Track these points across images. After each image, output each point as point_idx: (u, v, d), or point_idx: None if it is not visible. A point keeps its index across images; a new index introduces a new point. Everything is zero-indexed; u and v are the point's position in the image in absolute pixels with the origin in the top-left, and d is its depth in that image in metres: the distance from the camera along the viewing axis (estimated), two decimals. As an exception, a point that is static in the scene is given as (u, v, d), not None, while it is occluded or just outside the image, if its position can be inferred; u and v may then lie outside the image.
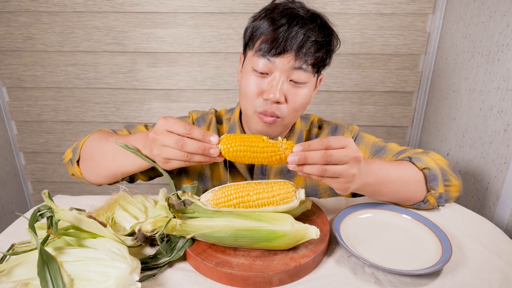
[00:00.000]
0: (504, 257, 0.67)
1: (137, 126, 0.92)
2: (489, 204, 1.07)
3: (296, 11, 0.77)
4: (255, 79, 0.78)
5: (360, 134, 0.94)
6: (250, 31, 0.80)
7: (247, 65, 0.81)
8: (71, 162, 0.85)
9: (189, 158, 0.64)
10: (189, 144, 0.63)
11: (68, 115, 1.63)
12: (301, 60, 0.75)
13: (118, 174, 0.79)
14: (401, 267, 0.61)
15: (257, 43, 0.77)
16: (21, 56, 1.53)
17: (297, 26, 0.74)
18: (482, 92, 1.13)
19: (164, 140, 0.64)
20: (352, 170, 0.62)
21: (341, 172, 0.61)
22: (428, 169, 0.78)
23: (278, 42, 0.73)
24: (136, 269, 0.56)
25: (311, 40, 0.75)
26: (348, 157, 0.61)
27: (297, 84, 0.78)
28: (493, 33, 1.09)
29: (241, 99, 0.84)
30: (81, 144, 0.84)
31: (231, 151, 0.64)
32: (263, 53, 0.75)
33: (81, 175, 0.85)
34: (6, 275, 0.55)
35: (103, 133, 0.86)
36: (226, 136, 0.65)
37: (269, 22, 0.76)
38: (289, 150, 0.63)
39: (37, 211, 0.57)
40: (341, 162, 0.61)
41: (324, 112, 1.61)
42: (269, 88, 0.76)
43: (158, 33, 1.49)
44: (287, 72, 0.76)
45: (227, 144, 0.64)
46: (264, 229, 0.61)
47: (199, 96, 1.60)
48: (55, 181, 1.76)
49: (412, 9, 1.44)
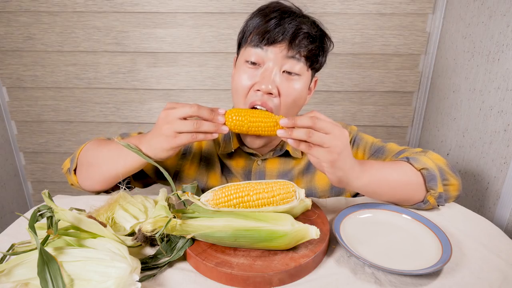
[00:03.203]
0: (504, 257, 0.67)
1: (131, 134, 0.92)
2: (489, 204, 1.07)
3: (288, 8, 0.78)
4: (247, 71, 0.78)
5: (359, 134, 0.94)
6: (242, 30, 0.82)
7: (240, 59, 0.82)
8: (69, 171, 0.84)
9: (199, 125, 0.66)
10: (202, 110, 0.66)
11: (68, 115, 1.63)
12: (294, 50, 0.76)
13: (114, 176, 0.78)
14: (401, 267, 0.61)
15: (249, 38, 0.79)
16: (21, 56, 1.53)
17: (288, 18, 0.76)
18: (482, 92, 1.13)
19: (177, 111, 0.66)
20: (335, 141, 0.64)
21: (325, 140, 0.63)
22: (426, 169, 0.78)
23: (270, 32, 0.75)
24: (136, 269, 0.55)
25: (303, 31, 0.76)
26: (333, 129, 0.64)
27: (291, 75, 0.78)
28: (493, 33, 1.09)
29: (233, 95, 0.84)
30: (78, 152, 0.84)
31: (233, 118, 0.69)
32: (256, 43, 0.76)
33: (77, 183, 0.84)
34: (6, 275, 0.55)
35: (98, 140, 0.86)
36: (230, 109, 0.71)
37: (261, 17, 0.78)
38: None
39: (37, 211, 0.57)
40: (324, 131, 0.64)
41: (324, 112, 1.60)
42: (262, 79, 0.77)
43: (158, 33, 1.49)
44: (280, 62, 0.76)
45: (230, 115, 0.70)
46: (264, 229, 0.61)
47: (199, 96, 1.60)
48: (55, 181, 1.76)
49: (412, 9, 1.44)
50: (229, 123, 0.69)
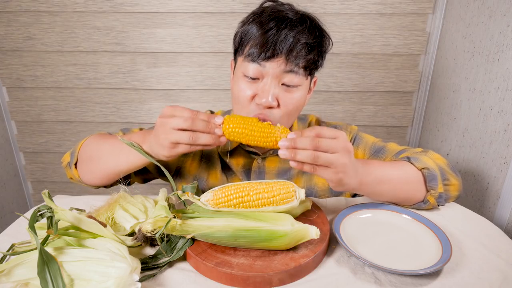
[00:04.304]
0: (504, 257, 0.67)
1: (133, 130, 0.92)
2: (489, 204, 1.07)
3: (284, 14, 0.76)
4: (246, 85, 0.78)
5: (359, 134, 0.94)
6: (239, 36, 0.79)
7: (238, 71, 0.80)
8: (69, 165, 0.85)
9: (195, 138, 0.65)
10: (197, 123, 0.65)
11: (68, 115, 1.63)
12: (292, 63, 0.74)
13: (116, 173, 0.79)
14: (401, 267, 0.61)
15: (247, 48, 0.77)
16: (21, 56, 1.53)
17: (286, 29, 0.73)
18: (482, 92, 1.13)
19: (172, 122, 0.65)
20: (342, 159, 0.62)
21: (332, 160, 0.61)
22: (427, 169, 0.78)
23: (268, 46, 0.73)
24: (136, 269, 0.55)
25: (301, 43, 0.74)
26: (338, 146, 0.61)
27: (289, 87, 0.77)
28: (493, 33, 1.09)
29: (233, 104, 0.83)
30: (79, 147, 0.84)
31: (231, 128, 0.67)
32: (253, 58, 0.75)
33: (79, 177, 0.85)
34: (6, 275, 0.55)
35: (100, 134, 0.86)
36: (228, 116, 0.68)
37: (257, 26, 0.75)
38: (284, 135, 0.66)
39: (37, 211, 0.57)
40: (331, 150, 0.61)
41: (324, 112, 1.61)
42: (261, 93, 0.76)
43: (158, 33, 1.49)
44: (278, 76, 0.76)
45: (228, 124, 0.67)
46: (264, 229, 0.61)
47: (199, 96, 1.60)
48: (55, 181, 1.76)
49: (412, 9, 1.44)
50: (227, 133, 0.67)
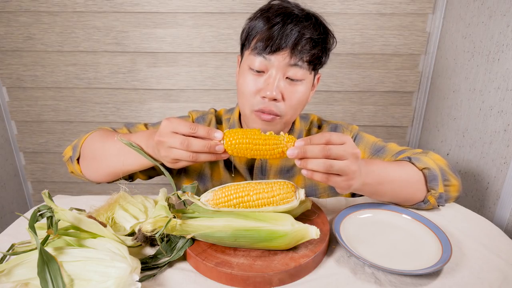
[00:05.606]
0: (504, 257, 0.67)
1: (137, 125, 0.92)
2: (489, 204, 1.07)
3: (290, 10, 0.78)
4: (252, 78, 0.79)
5: (360, 134, 0.94)
6: (246, 31, 0.81)
7: (244, 64, 0.82)
8: (71, 160, 0.85)
9: (196, 157, 0.64)
10: (195, 144, 0.63)
11: (68, 115, 1.63)
12: (297, 57, 0.76)
13: (120, 172, 0.80)
14: (401, 267, 0.61)
15: (253, 42, 0.78)
16: (21, 56, 1.53)
17: (291, 24, 0.75)
18: (482, 92, 1.13)
19: (170, 142, 0.64)
20: (352, 166, 0.61)
21: (344, 168, 0.61)
22: (428, 169, 0.78)
23: (273, 40, 0.74)
24: (136, 269, 0.55)
25: (306, 37, 0.75)
26: (347, 153, 0.61)
27: (294, 81, 0.78)
28: (493, 33, 1.09)
29: (239, 98, 0.84)
30: (82, 142, 0.84)
31: (234, 144, 0.64)
32: (259, 51, 0.76)
33: (81, 173, 0.85)
34: (6, 275, 0.55)
35: (104, 131, 0.86)
36: (229, 131, 0.66)
37: (264, 21, 0.77)
38: (291, 144, 0.63)
39: (37, 211, 0.57)
40: (340, 158, 0.60)
41: (324, 112, 1.61)
42: (266, 86, 0.77)
43: (158, 33, 1.49)
44: (283, 69, 0.77)
45: (229, 138, 0.64)
46: (264, 229, 0.61)
47: (199, 96, 1.60)
48: (55, 181, 1.76)
49: (412, 9, 1.44)
50: (230, 149, 0.64)
